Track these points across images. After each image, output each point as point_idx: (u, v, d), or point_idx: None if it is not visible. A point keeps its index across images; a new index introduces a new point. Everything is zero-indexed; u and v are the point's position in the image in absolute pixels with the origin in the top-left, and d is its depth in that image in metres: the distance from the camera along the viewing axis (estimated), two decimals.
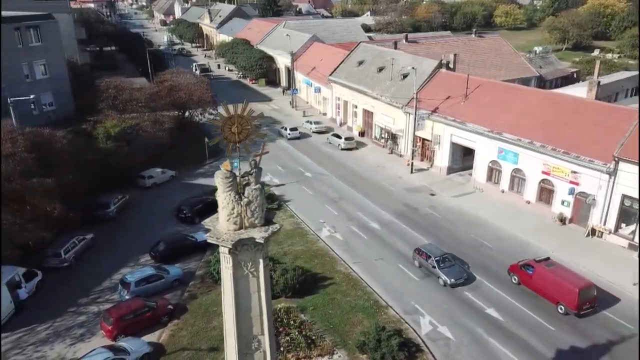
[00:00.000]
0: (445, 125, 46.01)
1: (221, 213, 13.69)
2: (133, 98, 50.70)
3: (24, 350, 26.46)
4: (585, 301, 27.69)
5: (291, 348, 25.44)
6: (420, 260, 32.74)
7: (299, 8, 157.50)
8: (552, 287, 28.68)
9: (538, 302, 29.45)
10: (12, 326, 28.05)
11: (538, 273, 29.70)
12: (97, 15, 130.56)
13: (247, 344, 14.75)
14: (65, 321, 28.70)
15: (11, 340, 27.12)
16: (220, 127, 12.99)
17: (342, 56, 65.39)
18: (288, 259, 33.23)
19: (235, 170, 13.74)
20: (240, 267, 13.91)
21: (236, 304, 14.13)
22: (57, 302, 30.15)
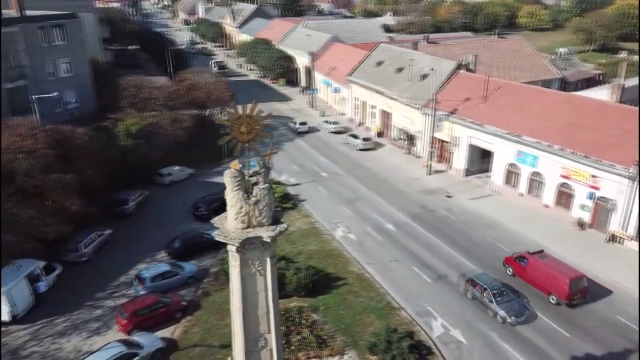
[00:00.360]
0: (463, 127, 45.58)
1: (229, 212, 13.86)
2: (153, 96, 51.38)
3: (41, 342, 27.08)
4: (576, 291, 28.59)
5: (302, 347, 25.53)
6: (474, 292, 29.14)
7: (320, 8, 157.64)
8: (545, 278, 29.63)
9: (532, 292, 30.26)
10: (31, 318, 28.74)
11: (531, 265, 30.61)
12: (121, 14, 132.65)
13: (254, 342, 14.89)
14: (82, 314, 29.30)
15: (30, 332, 27.78)
16: (230, 127, 13.12)
17: (361, 56, 65.29)
18: (301, 259, 33.31)
19: (251, 169, 13.92)
20: (248, 266, 14.05)
21: (243, 302, 14.27)
22: (75, 295, 30.79)
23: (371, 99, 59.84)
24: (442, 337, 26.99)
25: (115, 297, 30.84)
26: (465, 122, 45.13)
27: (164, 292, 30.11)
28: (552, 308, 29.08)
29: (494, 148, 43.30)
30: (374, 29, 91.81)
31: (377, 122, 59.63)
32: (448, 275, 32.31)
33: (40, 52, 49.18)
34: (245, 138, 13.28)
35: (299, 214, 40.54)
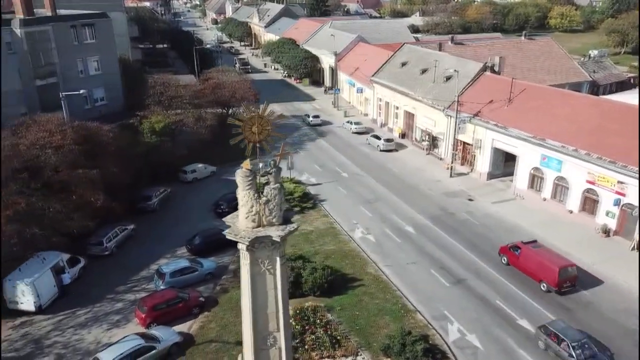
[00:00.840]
0: (486, 130, 44.98)
1: (241, 210, 14.07)
2: (178, 95, 52.23)
3: (64, 332, 27.89)
4: (565, 279, 29.75)
5: (316, 347, 25.63)
6: (548, 341, 25.55)
7: (347, 8, 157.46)
8: (536, 267, 30.79)
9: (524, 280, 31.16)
10: (55, 309, 29.62)
11: (524, 254, 31.76)
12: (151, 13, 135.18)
13: (263, 340, 15.09)
14: (103, 307, 30.05)
15: (53, 323, 28.64)
16: (241, 127, 13.32)
17: (386, 57, 65.02)
18: (318, 258, 33.41)
19: None
20: (258, 264, 14.24)
21: (253, 300, 14.47)
22: (97, 288, 31.61)
23: (395, 99, 59.56)
24: (458, 342, 26.74)
25: (136, 291, 31.51)
26: (489, 124, 44.52)
27: (183, 287, 30.59)
28: (543, 295, 30.25)
29: (518, 151, 42.60)
30: (401, 29, 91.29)
31: (400, 123, 59.32)
32: (466, 279, 31.97)
33: (71, 51, 50.55)
34: (257, 138, 13.43)
35: (318, 214, 40.67)
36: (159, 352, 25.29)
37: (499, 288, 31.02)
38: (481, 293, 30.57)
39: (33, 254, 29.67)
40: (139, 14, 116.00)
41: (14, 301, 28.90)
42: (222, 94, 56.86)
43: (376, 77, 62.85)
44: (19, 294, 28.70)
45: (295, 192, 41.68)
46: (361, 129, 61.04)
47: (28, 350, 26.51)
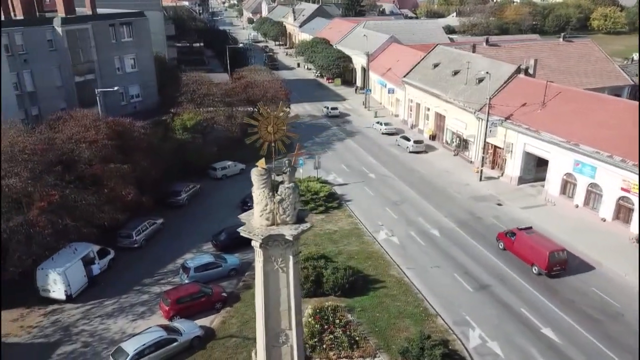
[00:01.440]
0: (518, 133, 44.05)
1: (255, 208, 14.28)
2: (210, 93, 53.16)
3: (91, 321, 28.82)
4: (555, 263, 31.36)
5: (334, 346, 25.68)
6: None
7: (382, 8, 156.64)
8: (529, 251, 32.58)
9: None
10: (84, 298, 30.63)
11: (519, 239, 33.54)
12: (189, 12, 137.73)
13: (275, 337, 15.26)
14: (129, 298, 30.90)
15: (82, 311, 29.64)
16: (257, 126, 13.52)
17: (418, 58, 64.50)
18: (341, 258, 33.44)
19: (300, 168, 14.39)
20: (271, 262, 14.42)
21: (265, 297, 14.67)
22: (124, 279, 32.54)
23: (425, 101, 59.00)
24: (479, 349, 26.33)
25: (162, 284, 32.27)
26: (521, 128, 43.59)
27: (207, 282, 31.14)
28: (534, 277, 32.07)
29: (550, 156, 41.56)
30: (435, 30, 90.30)
31: (431, 124, 58.71)
32: (491, 286, 31.43)
33: (109, 48, 52.17)
34: (272, 137, 13.62)
35: (343, 214, 40.71)
36: (180, 344, 25.85)
37: (524, 295, 30.37)
38: (505, 300, 30.01)
39: (65, 245, 30.74)
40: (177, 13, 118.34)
41: (46, 289, 30.04)
42: (253, 93, 57.50)
43: (408, 78, 62.38)
44: (51, 282, 29.81)
45: (320, 192, 41.80)
46: (391, 130, 60.71)
47: (57, 336, 27.53)
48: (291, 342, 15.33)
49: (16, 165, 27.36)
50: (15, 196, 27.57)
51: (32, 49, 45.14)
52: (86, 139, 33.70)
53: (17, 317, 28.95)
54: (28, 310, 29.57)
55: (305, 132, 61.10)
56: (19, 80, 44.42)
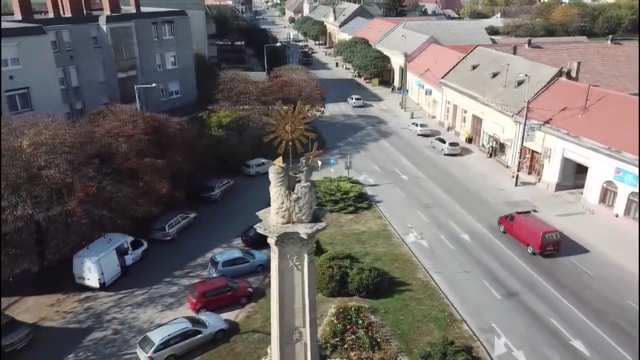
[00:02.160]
0: (557, 138, 42.72)
1: (272, 206, 14.47)
2: (247, 91, 53.92)
3: (122, 309, 29.83)
4: (548, 243, 33.77)
5: (355, 347, 25.65)
6: None
7: (424, 8, 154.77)
8: (525, 233, 35.05)
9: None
10: (117, 287, 31.72)
11: (517, 222, 35.98)
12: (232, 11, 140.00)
13: (289, 334, 15.43)
14: (159, 289, 31.78)
15: (114, 300, 30.71)
16: (275, 125, 13.70)
17: (457, 59, 63.51)
18: (368, 259, 33.32)
19: (332, 167, 14.60)
20: (286, 259, 14.60)
21: (280, 294, 14.86)
22: (155, 271, 33.48)
23: (463, 103, 58.02)
24: (503, 357, 25.74)
25: (191, 277, 33.02)
26: (560, 133, 42.24)
27: (234, 277, 31.66)
28: (529, 257, 34.33)
29: (590, 163, 40.12)
30: (477, 31, 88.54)
31: (468, 127, 57.68)
32: (520, 293, 30.65)
33: (150, 46, 53.82)
34: (289, 137, 13.77)
35: (372, 215, 40.55)
36: (204, 336, 26.42)
37: (554, 305, 29.48)
38: (534, 309, 29.21)
39: (100, 235, 31.90)
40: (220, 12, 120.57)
41: (82, 277, 31.27)
42: (289, 92, 57.84)
43: (446, 79, 61.50)
44: (86, 270, 31.02)
45: (351, 192, 41.79)
46: (426, 131, 60.00)
47: (89, 323, 28.63)
48: (305, 339, 15.46)
49: (56, 157, 28.56)
50: (55, 186, 28.78)
51: (78, 46, 47.07)
52: (124, 133, 34.82)
53: (53, 302, 30.28)
54: (64, 296, 30.88)
55: (339, 132, 61.33)
56: (65, 76, 46.39)
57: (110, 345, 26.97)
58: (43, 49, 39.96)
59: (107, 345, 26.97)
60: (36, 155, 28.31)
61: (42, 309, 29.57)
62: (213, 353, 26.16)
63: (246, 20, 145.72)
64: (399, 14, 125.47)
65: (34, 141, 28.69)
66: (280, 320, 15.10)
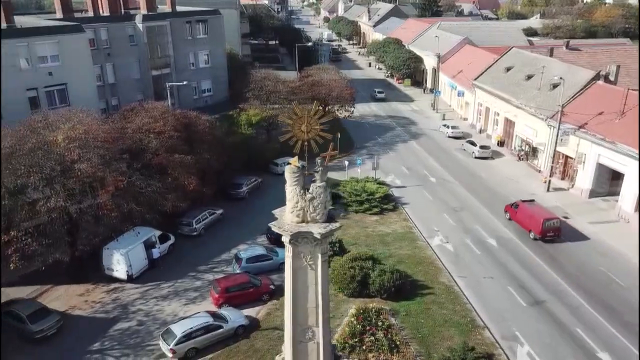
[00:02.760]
0: (592, 143, 41.44)
1: (287, 205, 14.59)
2: (277, 90, 54.31)
3: (147, 301, 30.60)
4: (548, 229, 35.70)
5: (373, 348, 25.58)
6: None
7: (461, 9, 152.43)
8: (527, 219, 36.97)
9: None
10: (143, 280, 32.55)
11: (521, 209, 37.89)
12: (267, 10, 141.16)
13: (302, 333, 15.53)
14: (184, 283, 32.45)
15: (140, 291, 31.53)
16: (291, 125, 13.81)
17: (491, 60, 62.39)
18: (391, 262, 33.08)
19: (359, 167, 14.68)
20: (300, 258, 14.70)
21: (293, 293, 14.97)
22: (181, 265, 34.19)
23: (495, 105, 56.93)
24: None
25: (215, 272, 33.58)
26: (595, 138, 40.97)
27: (257, 274, 32.03)
28: (531, 242, 36.30)
29: (626, 170, 38.76)
30: (513, 32, 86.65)
31: (500, 130, 56.56)
32: (546, 301, 29.92)
33: (184, 44, 54.79)
34: (305, 137, 13.86)
35: (398, 217, 40.29)
36: (225, 331, 26.84)
37: (580, 315, 28.68)
38: (560, 318, 28.47)
39: (129, 228, 32.77)
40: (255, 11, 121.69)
41: (110, 268, 32.23)
42: (319, 92, 58.10)
43: (478, 81, 60.47)
44: (115, 262, 31.95)
45: (377, 193, 41.61)
46: (457, 133, 59.15)
47: (116, 313, 29.49)
48: (318, 339, 15.53)
49: (89, 151, 29.48)
50: (87, 180, 29.71)
51: (115, 44, 48.39)
52: (154, 129, 35.63)
53: (83, 292, 31.32)
54: (93, 287, 31.89)
55: (368, 132, 61.16)
56: (102, 73, 47.77)
57: (134, 336, 27.72)
58: (81, 46, 41.24)
59: (131, 336, 27.73)
60: (70, 149, 29.27)
61: (72, 298, 30.62)
62: (233, 348, 26.55)
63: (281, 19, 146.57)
64: (434, 14, 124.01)
65: (68, 135, 29.68)
66: (293, 318, 15.21)
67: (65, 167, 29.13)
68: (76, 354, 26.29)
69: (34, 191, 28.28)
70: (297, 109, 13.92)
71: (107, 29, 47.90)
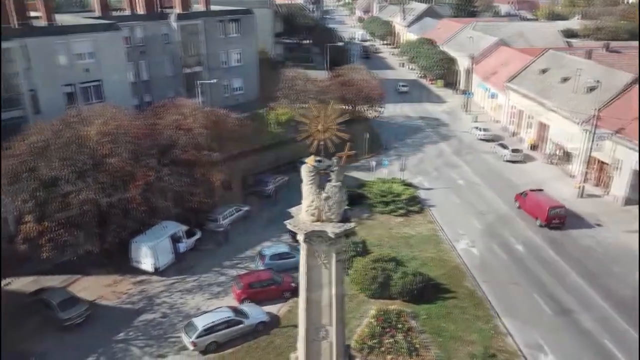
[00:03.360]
0: (628, 149, 40.05)
1: (303, 203, 14.68)
2: (306, 89, 54.49)
3: (172, 294, 31.23)
4: (554, 217, 37.42)
5: (392, 350, 25.45)
6: None
7: (497, 9, 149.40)
8: (535, 207, 38.75)
9: None
10: (169, 273, 33.21)
11: (529, 198, 39.71)
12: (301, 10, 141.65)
13: (315, 331, 15.60)
14: (208, 278, 32.95)
15: (166, 284, 32.19)
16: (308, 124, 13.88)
17: (525, 62, 61.03)
18: (414, 264, 32.79)
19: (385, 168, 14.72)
20: (314, 257, 14.78)
21: (307, 291, 15.06)
22: (206, 260, 34.74)
23: (529, 108, 55.64)
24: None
25: (238, 268, 33.97)
26: (632, 143, 39.57)
27: (279, 271, 32.22)
28: (537, 228, 37.88)
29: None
30: (550, 33, 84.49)
31: (533, 133, 55.25)
32: (573, 311, 29.10)
33: (216, 43, 55.57)
34: (321, 136, 13.90)
35: (423, 219, 39.89)
36: (245, 327, 27.15)
37: (610, 326, 27.76)
38: (587, 328, 27.66)
39: (157, 222, 33.51)
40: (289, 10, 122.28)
41: (137, 261, 33.01)
42: (348, 92, 58.00)
43: (512, 83, 59.23)
44: (142, 255, 32.71)
45: (403, 195, 41.29)
46: (488, 136, 58.09)
47: (141, 304, 30.21)
48: (331, 338, 15.56)
49: (119, 146, 30.30)
50: (117, 174, 30.53)
51: (149, 42, 49.52)
52: (184, 126, 36.27)
53: (111, 283, 32.19)
54: (121, 278, 32.73)
55: (398, 133, 60.70)
56: (136, 70, 48.97)
57: (158, 327, 28.35)
58: (116, 44, 42.39)
59: (155, 327, 28.37)
60: (101, 144, 30.15)
61: (100, 289, 31.51)
62: (252, 344, 26.84)
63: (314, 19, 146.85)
64: (469, 14, 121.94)
65: (100, 130, 30.57)
66: (307, 316, 15.30)
67: (96, 161, 30.04)
68: (102, 342, 27.06)
69: (67, 184, 29.23)
70: (313, 108, 13.97)
71: (143, 27, 49.06)
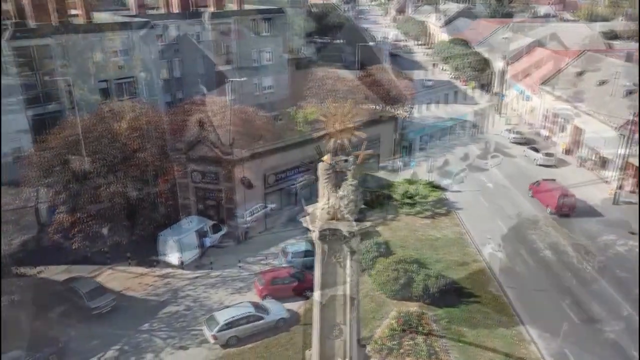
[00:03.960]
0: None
1: (319, 202, 14.74)
2: (335, 89, 54.41)
3: (196, 288, 31.83)
4: (563, 205, 39.08)
5: (411, 353, 25.24)
6: None
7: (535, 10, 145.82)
8: (546, 195, 40.32)
9: None
10: (193, 267, 33.83)
11: (542, 186, 41.77)
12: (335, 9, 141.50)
13: (329, 329, 15.64)
14: (232, 273, 33.43)
15: (190, 278, 32.82)
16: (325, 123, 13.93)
17: (562, 64, 59.42)
18: (438, 267, 32.42)
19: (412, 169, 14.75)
20: (329, 255, 14.78)
21: (321, 288, 15.09)
22: (230, 255, 35.23)
23: (563, 111, 54.14)
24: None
25: (262, 264, 34.36)
26: None
27: (302, 269, 32.35)
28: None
29: None
30: (590, 34, 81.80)
31: (567, 137, 53.77)
32: (602, 320, 28.24)
33: (248, 41, 56.17)
34: (339, 135, 13.93)
35: (450, 221, 39.38)
36: (265, 323, 27.44)
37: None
38: (616, 339, 26.79)
39: (183, 217, 34.19)
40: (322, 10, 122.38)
41: (164, 254, 33.76)
42: (377, 91, 57.63)
43: (546, 86, 57.78)
44: (168, 248, 33.43)
45: (429, 196, 40.87)
46: (520, 139, 56.83)
47: (166, 297, 30.89)
48: (345, 337, 15.57)
49: (149, 141, 31.05)
50: (145, 169, 31.30)
51: (182, 40, 50.50)
52: (212, 123, 36.87)
53: (137, 275, 33.05)
54: (147, 270, 33.54)
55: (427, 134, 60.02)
56: (170, 67, 50.03)
57: (181, 320, 28.93)
58: (150, 42, 43.43)
59: (178, 320, 28.96)
60: (132, 139, 30.96)
61: (127, 280, 32.37)
62: (272, 340, 27.09)
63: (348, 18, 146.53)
64: (505, 15, 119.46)
65: (131, 125, 31.39)
66: (321, 314, 15.35)
67: (126, 155, 30.84)
68: (126, 332, 27.78)
69: (98, 176, 30.14)
70: (331, 106, 14.01)
71: (177, 25, 50.06)
